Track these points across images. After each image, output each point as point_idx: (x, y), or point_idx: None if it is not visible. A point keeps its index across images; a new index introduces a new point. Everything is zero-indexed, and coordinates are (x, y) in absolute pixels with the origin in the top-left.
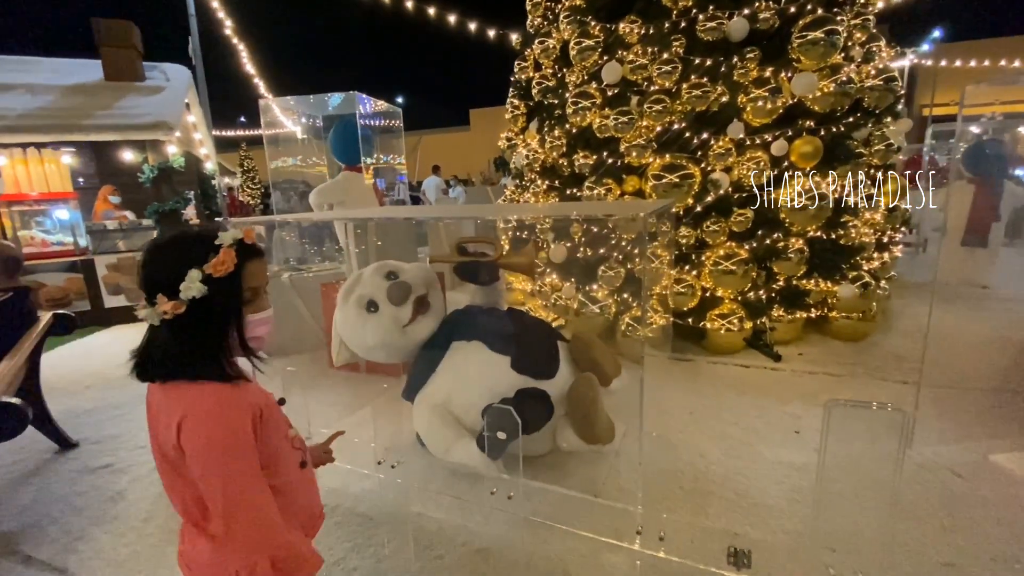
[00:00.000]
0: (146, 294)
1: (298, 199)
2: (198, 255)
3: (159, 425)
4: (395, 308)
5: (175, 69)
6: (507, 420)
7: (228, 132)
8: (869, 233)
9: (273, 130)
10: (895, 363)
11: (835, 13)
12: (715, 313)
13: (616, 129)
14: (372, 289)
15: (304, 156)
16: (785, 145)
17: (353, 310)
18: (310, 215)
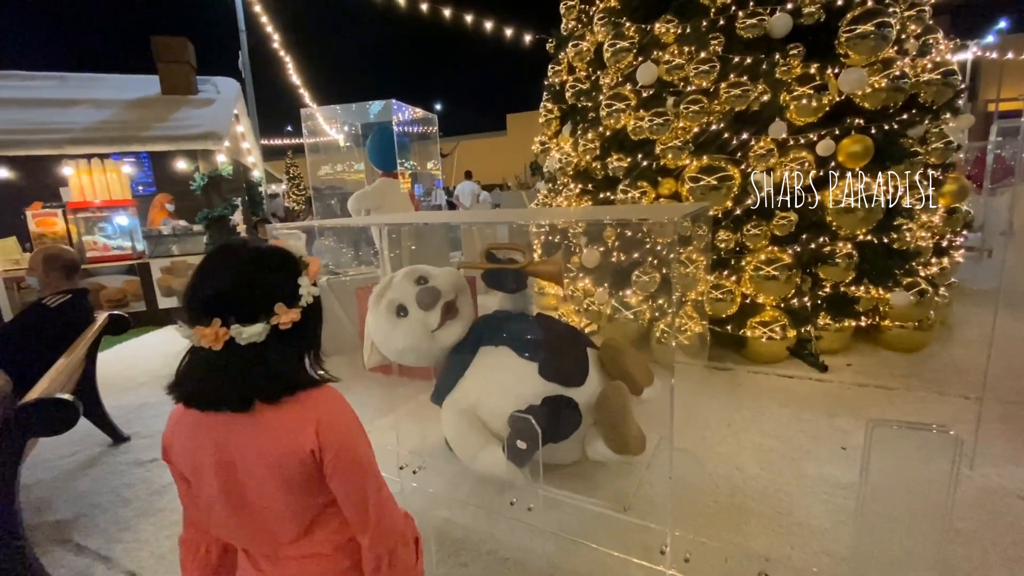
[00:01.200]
0: (249, 311)
1: (338, 205)
2: (295, 263)
3: (265, 446)
4: (424, 313)
5: (225, 82)
6: (527, 429)
7: (275, 141)
8: (926, 237)
9: (315, 138)
10: (956, 376)
11: (887, 5)
12: (756, 320)
13: (651, 131)
14: (402, 294)
15: (344, 163)
16: (832, 145)
17: (384, 314)
18: (347, 220)
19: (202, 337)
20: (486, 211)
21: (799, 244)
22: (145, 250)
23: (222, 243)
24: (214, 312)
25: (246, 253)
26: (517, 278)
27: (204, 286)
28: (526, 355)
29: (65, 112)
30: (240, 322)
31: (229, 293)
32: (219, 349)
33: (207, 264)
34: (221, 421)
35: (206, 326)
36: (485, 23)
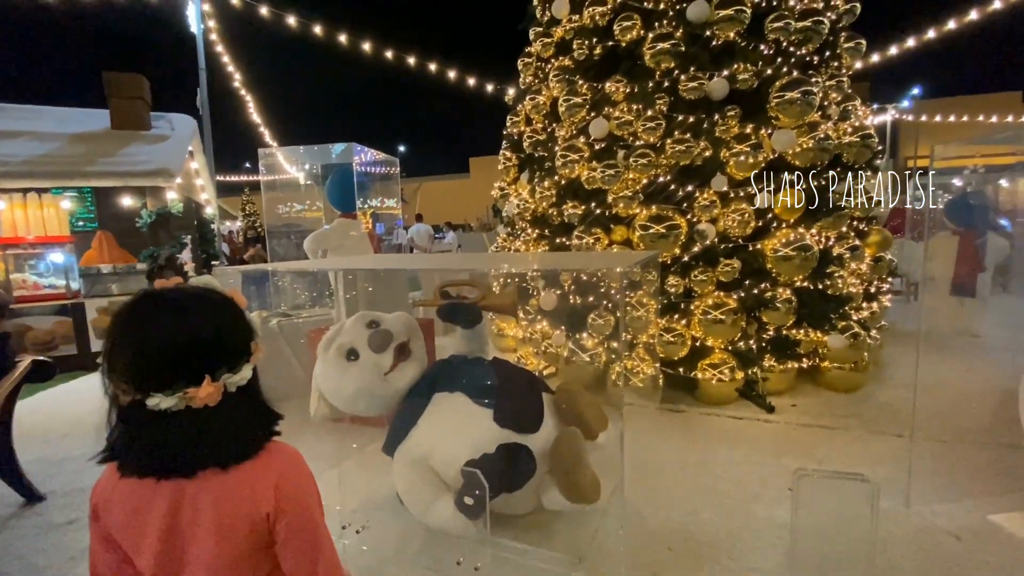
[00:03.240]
0: (231, 356)
1: (292, 246)
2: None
3: (223, 509)
4: (376, 355)
5: (181, 119)
6: (476, 483)
7: (232, 177)
8: (856, 283)
9: (272, 176)
10: (890, 415)
11: (810, 75)
12: (706, 363)
13: (603, 181)
14: (352, 338)
15: (301, 202)
16: (769, 198)
17: (333, 359)
18: (301, 263)
19: (201, 398)
20: (443, 255)
21: (743, 290)
22: (81, 289)
23: (153, 294)
24: (193, 367)
25: (205, 298)
26: (472, 313)
27: (172, 341)
28: (481, 401)
29: (1, 144)
30: (229, 370)
31: (213, 342)
32: (201, 407)
33: (156, 318)
34: (176, 486)
35: (186, 385)
36: (449, 71)
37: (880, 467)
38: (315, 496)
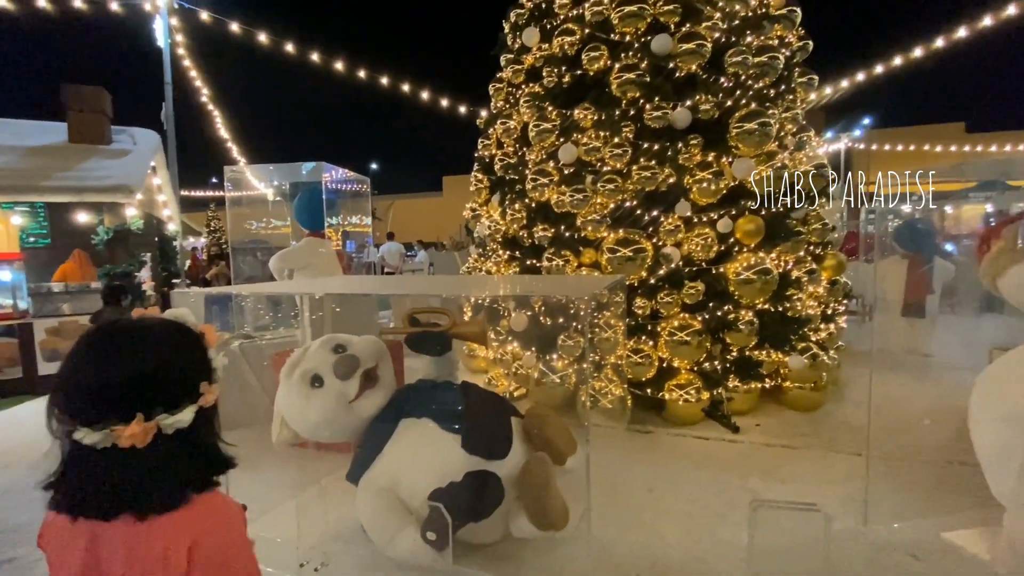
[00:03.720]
0: (172, 395)
1: (259, 264)
2: (200, 335)
3: (135, 558)
4: (341, 382)
5: (143, 133)
6: (439, 518)
7: (198, 192)
8: (814, 305)
9: (238, 192)
10: (848, 434)
11: (767, 107)
12: (673, 383)
13: (572, 205)
14: (317, 363)
15: (269, 218)
16: (730, 223)
17: (297, 386)
18: (264, 286)
19: (126, 437)
20: (412, 278)
21: (707, 312)
22: (29, 309)
23: (108, 324)
24: (125, 403)
25: (156, 332)
26: (441, 341)
27: (106, 374)
28: (449, 427)
29: None
30: (165, 410)
31: (150, 379)
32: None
33: (101, 349)
34: (95, 527)
35: (116, 422)
36: (422, 91)
37: (839, 486)
38: (243, 561)
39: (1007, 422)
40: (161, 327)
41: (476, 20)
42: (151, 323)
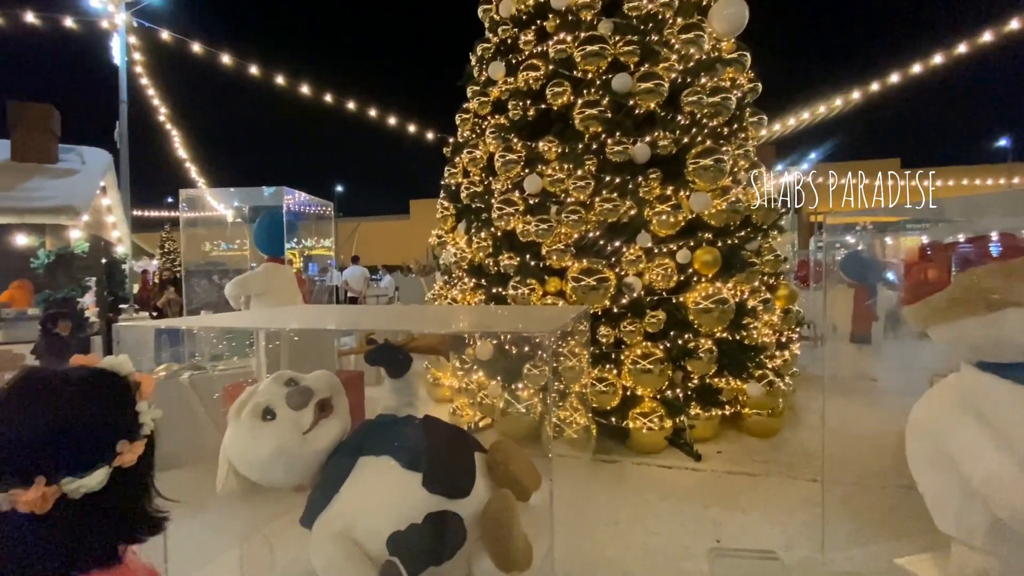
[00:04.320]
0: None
1: (216, 287)
2: (128, 387)
3: None
4: (295, 412)
5: (93, 153)
6: (394, 573)
7: (152, 212)
8: (769, 333)
9: (194, 213)
10: (804, 460)
11: (721, 144)
12: (637, 412)
13: (537, 235)
14: (269, 396)
15: (227, 240)
16: (688, 254)
17: (247, 421)
18: (215, 318)
19: (23, 503)
20: (375, 310)
21: (668, 340)
22: None
23: (23, 375)
24: (28, 465)
25: (70, 385)
26: (400, 358)
27: (6, 432)
28: (409, 465)
29: None
30: (71, 472)
31: (52, 438)
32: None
33: (6, 404)
34: None
35: (17, 484)
36: (390, 116)
37: (797, 513)
38: None
39: (939, 463)
40: (80, 379)
41: (444, 46)
42: (72, 375)
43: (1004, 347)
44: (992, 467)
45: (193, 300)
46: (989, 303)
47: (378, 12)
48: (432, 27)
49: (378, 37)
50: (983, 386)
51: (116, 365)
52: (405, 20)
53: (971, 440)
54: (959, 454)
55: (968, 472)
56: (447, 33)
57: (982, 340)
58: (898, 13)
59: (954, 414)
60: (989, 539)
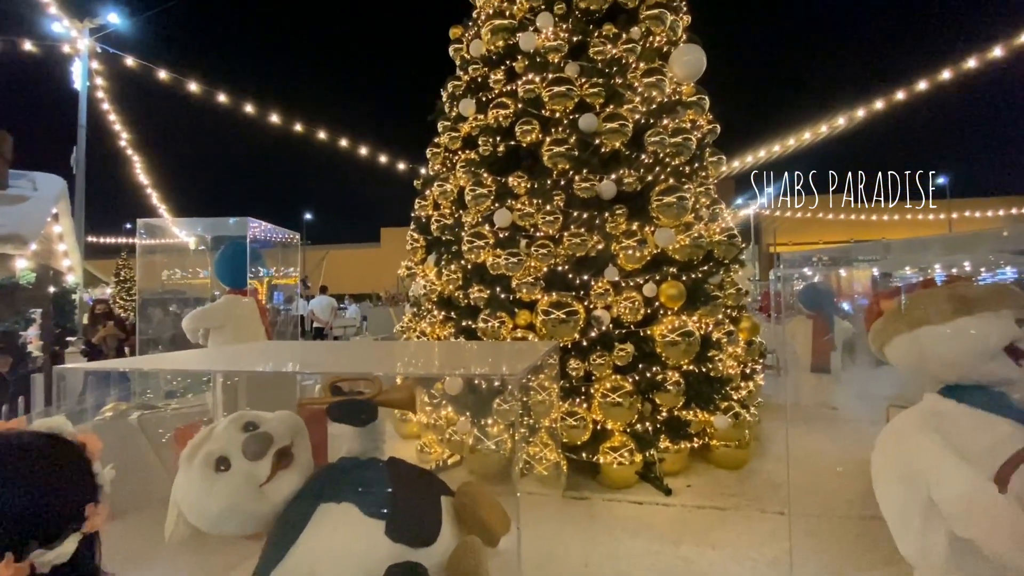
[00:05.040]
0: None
1: (172, 316)
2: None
3: None
4: (251, 464)
5: (46, 179)
6: None
7: (109, 239)
8: (734, 365)
9: (153, 240)
10: (772, 492)
11: (683, 182)
12: (607, 446)
13: (507, 268)
14: (224, 444)
15: (186, 267)
16: (655, 287)
17: (198, 471)
18: (159, 359)
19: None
20: (338, 348)
21: (637, 373)
22: None
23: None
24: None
25: (28, 455)
26: (368, 410)
27: None
28: (372, 512)
29: None
30: (41, 544)
31: (21, 514)
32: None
33: None
34: None
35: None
36: (361, 145)
37: (766, 547)
38: None
39: (902, 483)
40: (33, 447)
41: (417, 73)
42: (21, 443)
43: (928, 361)
44: (958, 486)
45: (148, 331)
46: (909, 322)
47: (350, 42)
48: (404, 57)
49: (350, 65)
50: (942, 407)
51: (57, 427)
52: (377, 49)
53: (936, 459)
54: (924, 473)
55: (934, 491)
56: (418, 63)
57: (911, 356)
58: (845, 64)
59: (919, 433)
60: (951, 561)
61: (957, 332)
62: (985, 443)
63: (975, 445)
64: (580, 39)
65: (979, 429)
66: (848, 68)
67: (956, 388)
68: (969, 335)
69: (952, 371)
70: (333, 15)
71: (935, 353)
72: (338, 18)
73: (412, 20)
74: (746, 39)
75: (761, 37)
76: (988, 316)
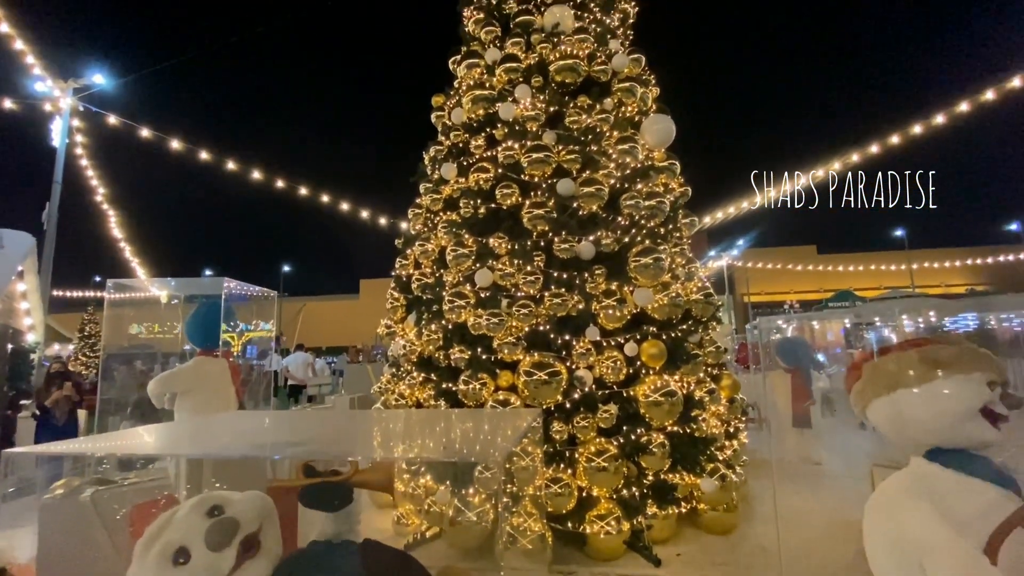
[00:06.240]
0: None
1: (137, 374)
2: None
3: None
4: (213, 555)
5: (14, 236)
6: None
7: (76, 292)
8: (717, 424)
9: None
10: (763, 558)
11: (659, 243)
12: (593, 514)
13: (489, 328)
14: (185, 532)
15: (156, 320)
16: (636, 347)
17: (154, 564)
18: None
19: None
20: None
21: (621, 435)
22: None
23: None
24: None
25: None
26: (343, 493)
27: None
28: None
29: None
30: None
31: None
32: None
33: None
34: None
35: None
36: (341, 201)
37: None
38: None
39: (895, 553)
40: None
41: (398, 130)
42: None
43: (907, 424)
44: (951, 561)
45: (109, 389)
46: (887, 384)
47: (334, 100)
48: (386, 116)
49: (333, 121)
50: (928, 472)
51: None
52: (359, 108)
53: (929, 530)
54: (916, 544)
55: (927, 563)
56: (399, 123)
57: (890, 419)
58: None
59: (910, 501)
60: None
61: (931, 394)
62: (973, 510)
63: (963, 513)
64: (556, 109)
65: (966, 496)
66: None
67: (940, 452)
68: (943, 396)
69: (932, 435)
70: (318, 76)
71: (913, 416)
72: (322, 79)
73: (394, 84)
74: (713, 106)
75: (728, 101)
76: (959, 379)
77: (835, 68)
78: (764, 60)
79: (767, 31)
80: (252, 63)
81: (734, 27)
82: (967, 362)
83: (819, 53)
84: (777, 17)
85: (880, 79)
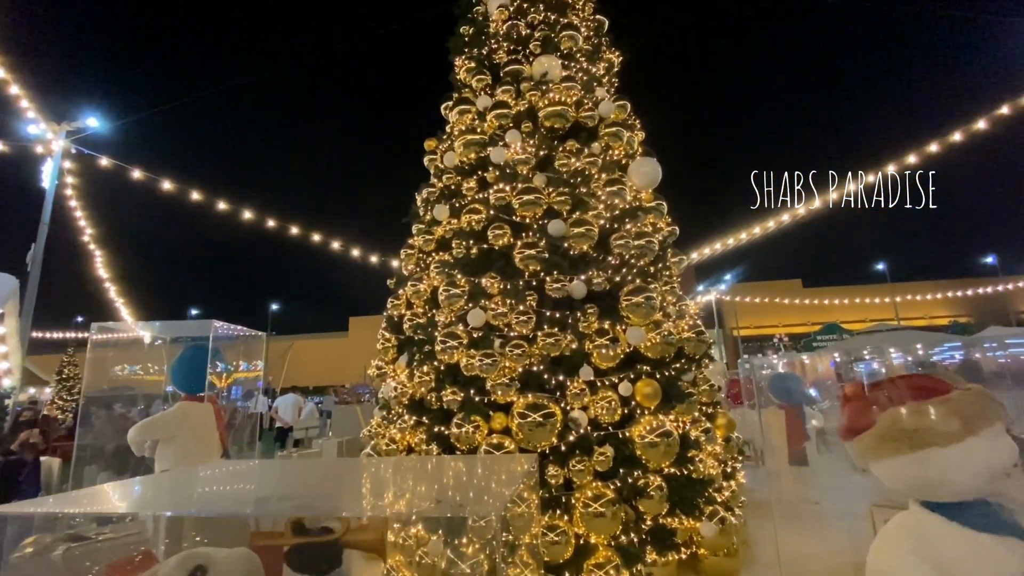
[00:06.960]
0: None
1: (116, 419)
2: None
3: None
4: None
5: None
6: None
7: (56, 334)
8: (714, 464)
9: (104, 335)
10: None
11: (649, 282)
12: (591, 563)
13: (481, 369)
14: None
15: (139, 362)
16: (630, 386)
17: None
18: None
19: None
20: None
21: (618, 479)
22: None
23: None
24: None
25: None
26: (330, 556)
27: None
28: None
29: None
30: None
31: None
32: None
33: None
34: None
35: None
36: (331, 240)
37: None
38: None
39: None
40: None
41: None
42: None
43: (933, 487)
44: None
45: (87, 434)
46: (912, 443)
47: (324, 141)
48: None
49: (324, 160)
50: (931, 529)
51: None
52: (348, 149)
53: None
54: None
55: None
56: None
57: (913, 479)
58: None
59: (911, 562)
60: None
61: (967, 454)
62: (984, 572)
63: (964, 566)
64: (546, 153)
65: (967, 548)
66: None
67: (945, 503)
68: (980, 456)
69: (961, 495)
70: (309, 119)
71: (944, 478)
72: (313, 122)
73: (384, 127)
74: (697, 145)
75: (712, 140)
76: (988, 433)
77: (814, 110)
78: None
79: (748, 71)
80: (243, 107)
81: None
82: (991, 413)
83: (798, 90)
84: (756, 59)
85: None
